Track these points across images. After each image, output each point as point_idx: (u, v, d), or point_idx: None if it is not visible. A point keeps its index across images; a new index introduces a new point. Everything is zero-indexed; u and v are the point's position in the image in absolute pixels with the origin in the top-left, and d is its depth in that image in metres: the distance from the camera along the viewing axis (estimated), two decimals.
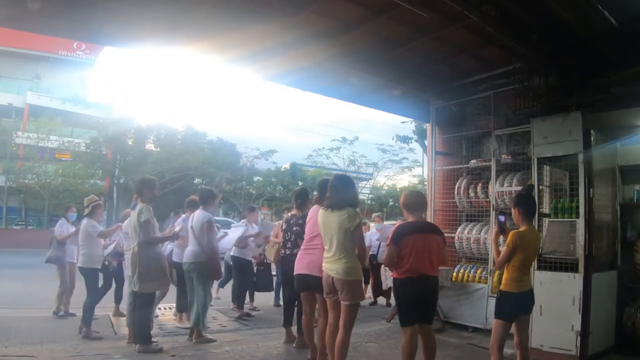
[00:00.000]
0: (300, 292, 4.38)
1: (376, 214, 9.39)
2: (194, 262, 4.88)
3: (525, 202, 3.59)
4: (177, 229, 5.29)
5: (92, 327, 5.12)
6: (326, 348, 3.88)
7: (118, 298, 6.31)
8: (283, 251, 4.92)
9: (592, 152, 4.58)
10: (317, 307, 4.30)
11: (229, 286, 6.93)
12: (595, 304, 4.33)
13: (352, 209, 3.75)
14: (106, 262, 5.78)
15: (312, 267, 4.06)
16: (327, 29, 4.85)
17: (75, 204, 6.76)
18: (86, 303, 5.15)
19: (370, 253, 8.01)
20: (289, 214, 5.03)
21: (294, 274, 4.28)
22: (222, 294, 7.46)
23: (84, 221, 5.50)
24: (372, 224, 8.44)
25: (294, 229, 4.74)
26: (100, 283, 5.76)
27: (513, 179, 5.45)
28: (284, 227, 4.96)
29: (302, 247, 4.29)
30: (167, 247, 5.63)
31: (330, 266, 3.69)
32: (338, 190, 3.78)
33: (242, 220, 7.14)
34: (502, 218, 3.70)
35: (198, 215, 4.98)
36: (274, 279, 6.94)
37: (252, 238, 6.49)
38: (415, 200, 3.77)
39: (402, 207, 3.79)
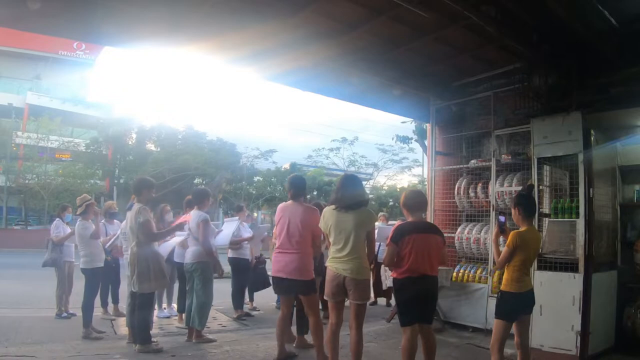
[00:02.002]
0: (278, 294, 4.36)
1: (382, 213, 9.38)
2: (196, 262, 4.87)
3: (526, 202, 3.59)
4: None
5: (91, 328, 5.11)
6: (326, 348, 3.88)
7: (115, 298, 6.31)
8: None
9: (592, 152, 4.58)
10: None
11: (229, 287, 6.91)
12: (595, 304, 4.33)
13: (368, 210, 3.81)
14: (108, 258, 5.77)
15: (289, 270, 4.05)
16: (327, 29, 4.85)
17: (74, 204, 6.73)
18: (84, 303, 5.14)
19: None
20: None
21: (272, 275, 4.25)
22: (221, 294, 7.45)
23: (77, 223, 5.46)
24: (377, 223, 8.42)
25: None
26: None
27: (513, 179, 5.44)
28: None
29: (277, 247, 4.22)
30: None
31: (343, 266, 3.66)
32: (352, 191, 3.79)
33: (234, 217, 7.14)
34: (502, 218, 3.70)
35: (193, 215, 4.99)
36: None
37: (246, 242, 6.53)
38: (416, 200, 3.75)
39: (402, 207, 3.77)
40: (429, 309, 3.71)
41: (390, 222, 9.13)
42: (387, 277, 6.79)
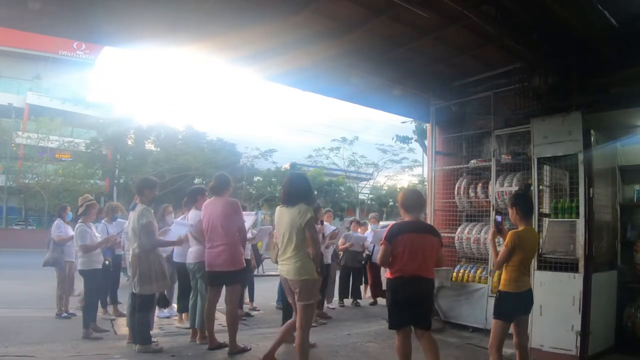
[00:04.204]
0: (211, 286, 4.55)
1: (372, 214, 9.40)
2: (199, 261, 4.82)
3: (522, 201, 3.56)
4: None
5: (91, 328, 5.10)
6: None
7: (114, 299, 6.30)
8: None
9: (592, 152, 4.58)
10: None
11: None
12: (595, 304, 4.33)
13: (305, 205, 3.71)
14: (106, 262, 5.75)
15: (219, 262, 4.29)
16: (327, 29, 4.85)
17: (73, 204, 6.71)
18: (85, 304, 5.14)
19: (366, 253, 8.03)
20: None
21: (207, 270, 4.46)
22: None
23: (77, 227, 5.35)
24: (371, 225, 8.43)
25: None
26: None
27: (513, 179, 5.45)
28: None
29: (206, 243, 4.44)
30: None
31: (283, 267, 3.69)
32: (291, 187, 3.78)
33: None
34: (498, 218, 3.69)
35: (192, 216, 4.98)
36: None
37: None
38: (413, 199, 3.67)
39: (399, 206, 3.68)
40: (423, 312, 3.54)
41: (381, 223, 9.16)
42: None
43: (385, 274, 3.70)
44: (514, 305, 3.42)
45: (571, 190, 4.71)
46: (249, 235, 5.72)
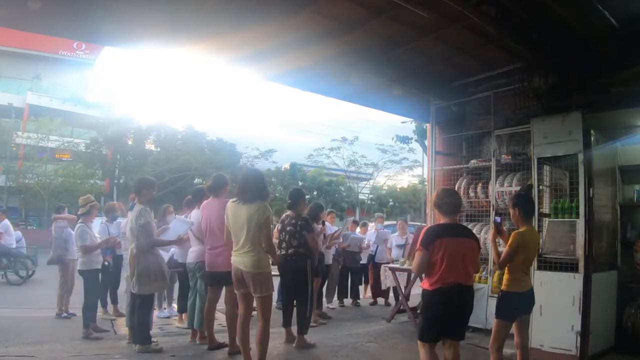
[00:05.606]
0: (210, 285, 4.58)
1: (378, 214, 9.38)
2: (200, 261, 4.80)
3: (524, 202, 3.58)
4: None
5: (91, 328, 5.10)
6: (236, 339, 4.01)
7: (114, 299, 6.30)
8: (278, 251, 4.91)
9: (592, 152, 4.58)
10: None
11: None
12: (595, 304, 4.33)
13: (262, 203, 3.76)
14: (105, 263, 5.74)
15: (218, 263, 4.33)
16: (327, 29, 4.86)
17: (74, 204, 6.70)
18: (85, 304, 5.13)
19: (369, 253, 8.02)
20: (284, 214, 5.05)
21: (206, 270, 4.51)
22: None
23: (77, 227, 5.36)
24: (372, 224, 8.43)
25: (288, 229, 4.78)
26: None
27: (513, 179, 5.45)
28: (279, 227, 5.00)
29: (206, 244, 4.47)
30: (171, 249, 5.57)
31: (239, 259, 3.72)
32: (248, 184, 3.80)
33: None
34: (498, 219, 3.68)
35: (195, 215, 4.98)
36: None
37: None
38: (450, 200, 3.28)
39: (434, 207, 3.34)
40: (461, 324, 3.26)
41: (386, 224, 9.15)
42: (387, 277, 6.80)
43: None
44: (517, 305, 3.43)
45: (571, 190, 4.70)
46: None
